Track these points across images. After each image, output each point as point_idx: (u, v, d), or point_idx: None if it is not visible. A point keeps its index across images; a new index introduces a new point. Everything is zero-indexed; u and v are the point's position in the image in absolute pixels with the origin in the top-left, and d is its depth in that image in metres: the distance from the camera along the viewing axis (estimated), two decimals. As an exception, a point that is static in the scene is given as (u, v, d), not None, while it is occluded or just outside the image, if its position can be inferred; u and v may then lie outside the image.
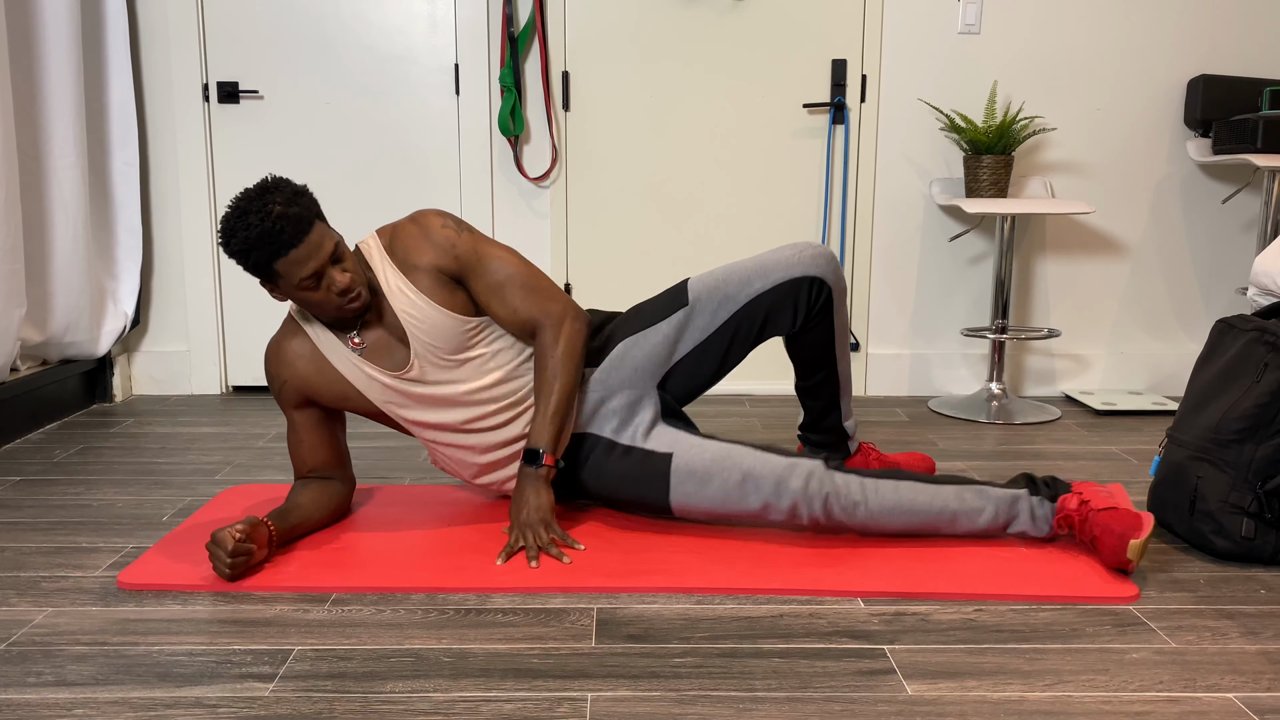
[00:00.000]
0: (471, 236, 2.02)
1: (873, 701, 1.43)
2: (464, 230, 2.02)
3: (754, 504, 1.97)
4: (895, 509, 1.97)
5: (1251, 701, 1.43)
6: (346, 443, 2.17)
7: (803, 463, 1.97)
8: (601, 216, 3.49)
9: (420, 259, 1.99)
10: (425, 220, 2.02)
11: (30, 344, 3.09)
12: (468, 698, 1.44)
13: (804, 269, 2.09)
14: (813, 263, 2.10)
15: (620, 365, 2.08)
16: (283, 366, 2.04)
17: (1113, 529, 1.86)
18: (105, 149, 3.30)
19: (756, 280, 2.09)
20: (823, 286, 2.10)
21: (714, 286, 2.10)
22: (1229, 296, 3.56)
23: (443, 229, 2.00)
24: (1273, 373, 1.91)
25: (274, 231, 1.81)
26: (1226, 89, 3.30)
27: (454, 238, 2.00)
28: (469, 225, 2.04)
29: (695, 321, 2.10)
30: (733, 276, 2.10)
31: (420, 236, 2.00)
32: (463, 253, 1.99)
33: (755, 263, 2.11)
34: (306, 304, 1.93)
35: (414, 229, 2.01)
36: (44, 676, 1.50)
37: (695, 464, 2.00)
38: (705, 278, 2.13)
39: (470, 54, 3.37)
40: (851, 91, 3.42)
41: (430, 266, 1.98)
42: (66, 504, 2.31)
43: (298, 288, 1.88)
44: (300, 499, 2.04)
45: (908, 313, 3.54)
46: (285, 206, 1.82)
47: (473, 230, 2.04)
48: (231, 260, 1.91)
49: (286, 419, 2.10)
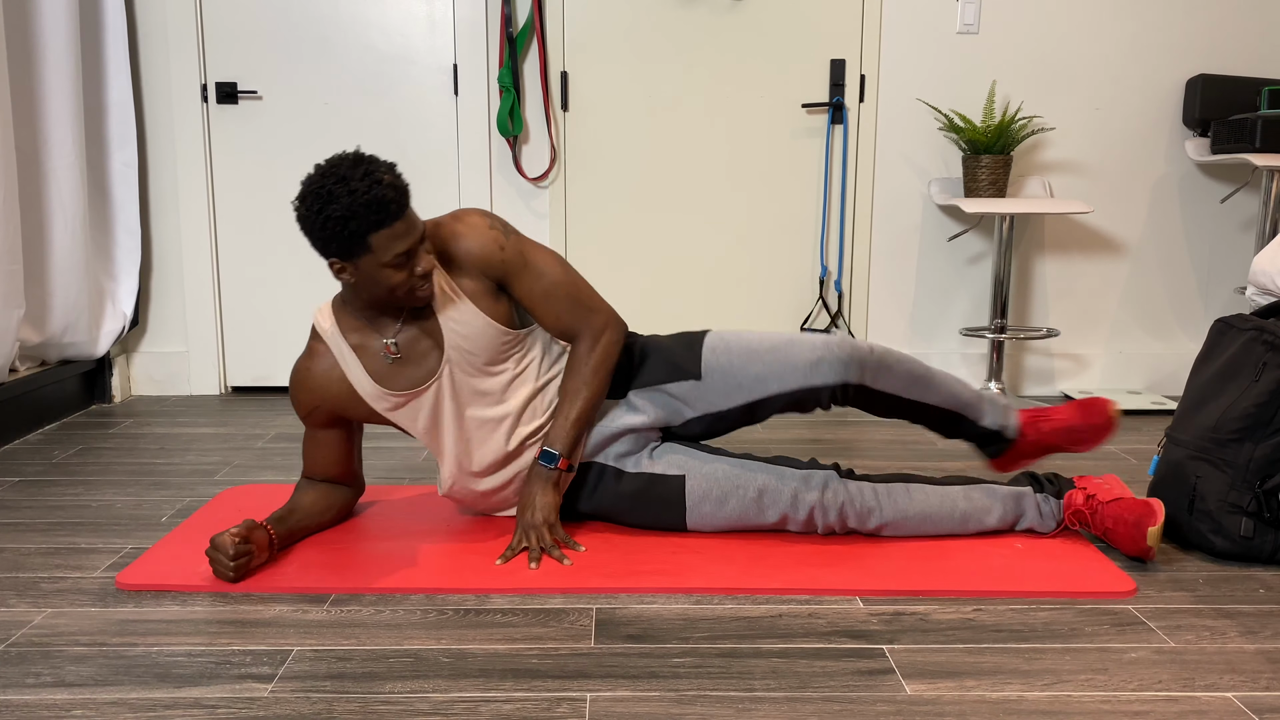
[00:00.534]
0: (518, 240, 1.97)
1: (871, 701, 1.43)
2: (511, 233, 1.97)
3: (771, 517, 2.00)
4: (909, 513, 2.00)
5: (1250, 701, 1.43)
6: (361, 451, 2.14)
7: (817, 473, 2.00)
8: (600, 216, 3.49)
9: (465, 259, 1.93)
10: (469, 219, 1.94)
11: (29, 345, 3.09)
12: (467, 698, 1.44)
13: (823, 377, 1.96)
14: (831, 370, 1.96)
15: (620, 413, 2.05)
16: (313, 393, 2.00)
17: (1126, 519, 1.91)
18: (104, 149, 3.30)
19: (773, 381, 1.98)
20: (846, 388, 1.98)
21: (728, 370, 2.00)
22: (1227, 296, 3.57)
23: (490, 229, 1.94)
24: (1271, 372, 1.92)
25: (383, 201, 1.73)
26: (1225, 88, 3.30)
27: (501, 239, 1.94)
28: (513, 227, 2.00)
29: (705, 396, 2.03)
30: (749, 367, 1.99)
31: (466, 236, 1.93)
32: (510, 256, 1.94)
33: (773, 357, 1.98)
34: (382, 285, 1.82)
35: (459, 228, 1.93)
36: (43, 677, 1.50)
37: (710, 485, 2.00)
38: (720, 351, 2.02)
39: (469, 54, 3.37)
40: (850, 91, 3.42)
41: (474, 267, 1.93)
42: (65, 505, 2.31)
43: (386, 264, 1.78)
44: (302, 501, 2.03)
45: (907, 312, 3.54)
46: (393, 178, 1.76)
47: (517, 232, 1.99)
48: (313, 229, 1.75)
49: (307, 432, 2.07)
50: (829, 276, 3.52)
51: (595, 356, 1.98)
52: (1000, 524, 2.03)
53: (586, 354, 1.98)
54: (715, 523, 2.03)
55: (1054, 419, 2.10)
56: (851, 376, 1.97)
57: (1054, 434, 2.09)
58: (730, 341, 2.03)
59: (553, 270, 1.98)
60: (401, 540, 2.03)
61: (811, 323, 3.53)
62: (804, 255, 3.52)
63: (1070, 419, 2.09)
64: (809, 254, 3.52)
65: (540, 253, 1.99)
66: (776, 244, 3.51)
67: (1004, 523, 2.04)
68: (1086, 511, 1.98)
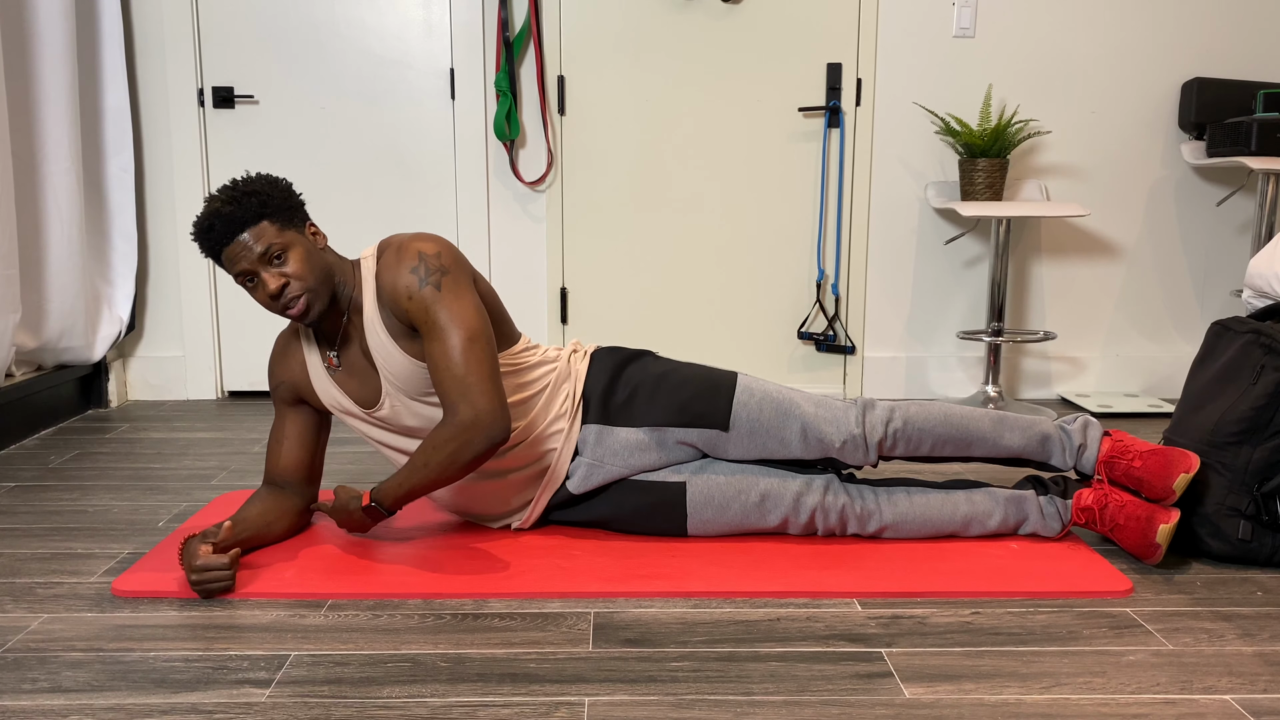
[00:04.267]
0: (433, 293, 1.83)
1: (870, 705, 1.43)
2: (429, 283, 1.83)
3: (773, 520, 2.01)
4: (910, 516, 2.00)
5: (1248, 703, 1.43)
6: (323, 460, 2.11)
7: (818, 476, 2.02)
8: (597, 220, 3.49)
9: (384, 294, 1.88)
10: (407, 249, 1.87)
11: (25, 350, 3.08)
12: (464, 702, 1.44)
13: (848, 458, 2.01)
14: (856, 453, 2.00)
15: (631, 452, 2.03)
16: (284, 368, 2.04)
17: (1138, 515, 1.90)
18: (100, 154, 3.30)
19: (797, 447, 2.01)
20: (865, 463, 2.03)
21: (755, 429, 2.00)
22: (1224, 299, 3.57)
23: (410, 272, 1.84)
24: (1269, 375, 1.92)
25: (207, 229, 1.81)
26: (1221, 92, 3.30)
27: (414, 287, 1.83)
28: (445, 273, 1.85)
29: (728, 446, 2.02)
30: (778, 431, 2.00)
31: (394, 267, 1.86)
32: (414, 308, 1.83)
33: (801, 426, 1.99)
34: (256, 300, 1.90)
35: (393, 259, 1.87)
36: (39, 683, 1.50)
37: (711, 491, 2.00)
38: (751, 407, 2.00)
39: (465, 59, 3.37)
40: (847, 95, 3.42)
41: (388, 306, 1.88)
42: (62, 510, 2.31)
43: (238, 282, 1.86)
44: (249, 513, 1.97)
45: (904, 316, 3.54)
46: (224, 204, 1.81)
47: (440, 285, 1.84)
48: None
49: (276, 413, 2.07)
50: (826, 280, 3.52)
51: (451, 447, 1.79)
52: (1001, 527, 2.03)
53: (444, 440, 1.79)
54: (716, 528, 2.03)
55: (1131, 466, 1.97)
56: (872, 459, 2.02)
57: (1126, 478, 1.99)
58: (761, 400, 2.02)
59: (448, 340, 1.81)
60: (398, 545, 2.03)
61: (809, 326, 3.54)
62: (801, 258, 3.52)
63: (1145, 470, 1.94)
64: (806, 257, 3.52)
65: (455, 315, 1.82)
66: (773, 247, 3.51)
67: (1005, 526, 2.03)
68: (1096, 509, 1.97)
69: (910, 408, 2.02)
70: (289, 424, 2.05)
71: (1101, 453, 2.02)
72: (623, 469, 2.02)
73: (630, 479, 2.03)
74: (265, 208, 1.83)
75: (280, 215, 1.85)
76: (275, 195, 1.85)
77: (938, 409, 2.03)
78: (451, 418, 1.79)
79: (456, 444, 1.79)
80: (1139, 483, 1.94)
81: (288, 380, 2.03)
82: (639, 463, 2.02)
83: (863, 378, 3.55)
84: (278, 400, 2.06)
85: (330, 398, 2.00)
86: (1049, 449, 2.05)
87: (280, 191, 1.86)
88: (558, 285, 3.52)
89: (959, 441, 2.02)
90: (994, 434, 2.03)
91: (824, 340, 3.53)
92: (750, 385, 2.04)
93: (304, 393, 2.03)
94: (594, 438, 2.02)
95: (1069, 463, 2.05)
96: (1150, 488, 1.91)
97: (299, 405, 2.06)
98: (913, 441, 2.01)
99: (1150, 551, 1.89)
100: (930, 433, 2.01)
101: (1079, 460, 2.04)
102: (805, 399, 2.03)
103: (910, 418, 2.01)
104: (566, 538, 2.06)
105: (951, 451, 2.03)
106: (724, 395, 2.02)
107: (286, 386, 2.04)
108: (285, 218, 1.86)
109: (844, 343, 3.54)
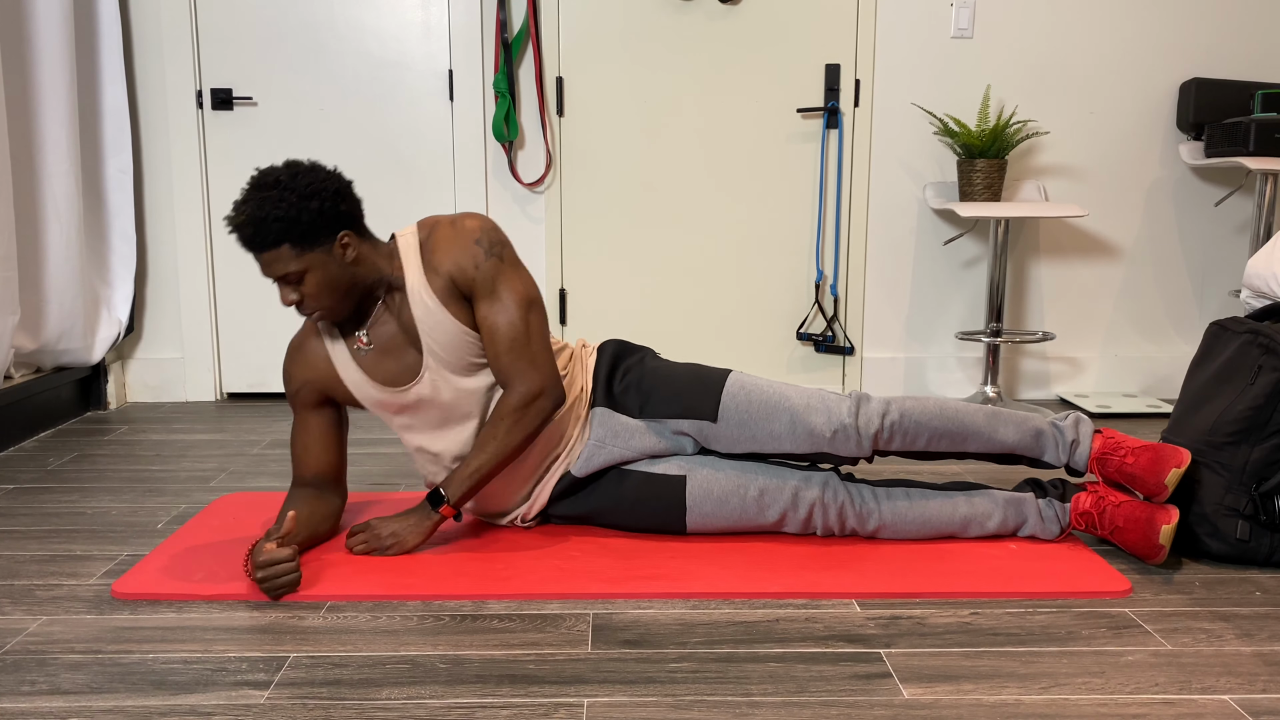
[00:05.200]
0: (497, 264, 1.90)
1: (869, 705, 1.43)
2: (494, 254, 1.91)
3: (771, 516, 2.01)
4: (908, 516, 2.00)
5: (1247, 703, 1.43)
6: (347, 452, 2.13)
7: (817, 473, 2.02)
8: (596, 221, 3.49)
9: (442, 263, 1.92)
10: (463, 224, 1.93)
11: (24, 351, 3.08)
12: (463, 704, 1.44)
13: (839, 449, 1.99)
14: (848, 443, 1.98)
15: (631, 434, 2.05)
16: (304, 368, 2.03)
17: (1139, 517, 1.90)
18: (99, 156, 3.30)
19: (787, 441, 2.00)
20: (859, 455, 2.02)
21: (744, 421, 2.01)
22: (1222, 299, 3.57)
23: (474, 243, 1.90)
24: (1267, 375, 1.92)
25: (231, 232, 1.84)
26: (1218, 92, 3.31)
27: (480, 256, 1.90)
28: (505, 246, 1.93)
29: (715, 437, 2.03)
30: (766, 424, 2.00)
31: (451, 241, 1.91)
32: (480, 277, 1.90)
33: (791, 419, 1.99)
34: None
35: (449, 231, 1.92)
36: (38, 685, 1.50)
37: (711, 486, 2.00)
38: (739, 400, 2.02)
39: (464, 60, 3.37)
40: (845, 96, 3.43)
41: (447, 274, 1.91)
42: (61, 512, 2.31)
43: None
44: (301, 515, 1.97)
45: (902, 316, 3.54)
46: (247, 223, 1.80)
47: (503, 256, 1.92)
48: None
49: (296, 418, 2.06)
50: (824, 280, 3.52)
51: (518, 415, 1.90)
52: (1000, 529, 2.03)
53: (511, 410, 1.90)
54: (715, 524, 2.03)
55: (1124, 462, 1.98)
56: (866, 451, 2.00)
57: (1119, 474, 2.00)
58: (751, 392, 2.03)
59: (514, 309, 1.90)
60: (398, 546, 2.03)
61: (807, 326, 3.54)
62: (800, 259, 3.52)
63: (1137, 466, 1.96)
64: (805, 258, 3.52)
65: (514, 286, 1.92)
66: (772, 248, 3.51)
67: (1004, 528, 2.03)
68: (1094, 513, 1.97)
69: (906, 401, 2.02)
70: (313, 427, 2.04)
71: (1094, 449, 2.02)
72: (624, 450, 2.03)
73: (631, 471, 2.03)
74: (287, 234, 1.81)
75: (303, 239, 1.83)
76: (302, 218, 1.80)
77: (933, 403, 2.03)
78: (520, 385, 1.90)
79: (529, 412, 1.90)
80: (1131, 479, 1.94)
81: (310, 380, 2.02)
82: (640, 445, 2.03)
83: (861, 378, 3.55)
84: (299, 405, 2.05)
85: (360, 389, 1.99)
86: (1042, 444, 2.05)
87: (308, 213, 1.81)
88: (556, 286, 3.52)
89: (954, 436, 2.02)
90: (989, 428, 2.03)
91: (823, 341, 3.53)
92: (742, 380, 2.05)
93: (330, 388, 2.02)
94: (596, 420, 2.05)
95: (1062, 459, 2.05)
96: (1143, 484, 1.91)
97: (320, 408, 2.05)
98: (909, 435, 2.00)
99: (1154, 552, 1.89)
100: (926, 426, 2.00)
101: (1072, 456, 2.04)
102: (798, 393, 2.03)
103: (906, 411, 2.01)
104: (566, 538, 2.06)
105: (947, 446, 2.03)
106: (714, 388, 2.04)
107: (309, 387, 2.03)
108: (309, 240, 1.83)
109: (843, 343, 3.54)
